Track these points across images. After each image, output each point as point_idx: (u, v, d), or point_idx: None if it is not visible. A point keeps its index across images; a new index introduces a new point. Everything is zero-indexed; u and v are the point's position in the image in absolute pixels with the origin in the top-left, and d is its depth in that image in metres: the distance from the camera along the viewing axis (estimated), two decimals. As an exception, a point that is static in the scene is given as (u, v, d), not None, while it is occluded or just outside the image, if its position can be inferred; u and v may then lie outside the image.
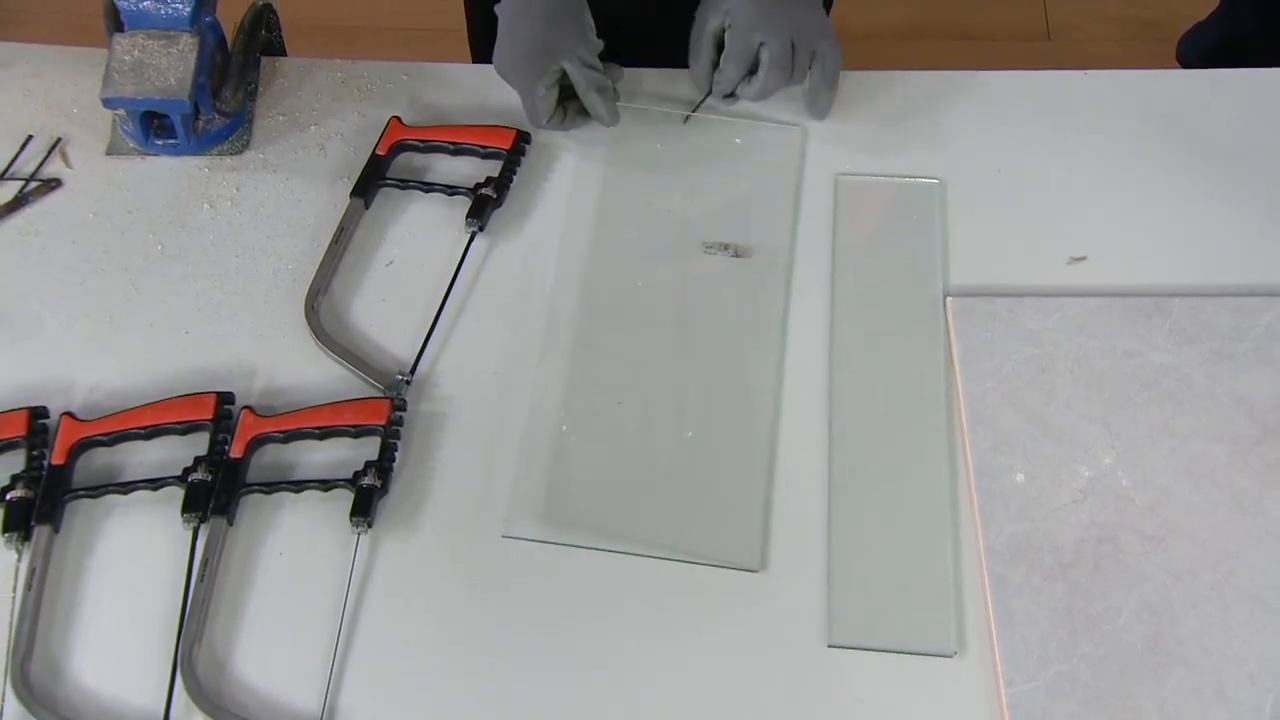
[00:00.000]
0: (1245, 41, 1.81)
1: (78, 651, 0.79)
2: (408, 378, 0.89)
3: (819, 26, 0.98)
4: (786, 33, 0.96)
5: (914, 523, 0.83)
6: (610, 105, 0.99)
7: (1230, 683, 0.76)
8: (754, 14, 0.96)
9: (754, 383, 0.89)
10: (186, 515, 0.82)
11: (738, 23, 0.97)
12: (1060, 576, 0.80)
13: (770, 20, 0.96)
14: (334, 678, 0.78)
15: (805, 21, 0.97)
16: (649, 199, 0.98)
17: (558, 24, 0.98)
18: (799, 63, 0.97)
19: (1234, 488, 0.83)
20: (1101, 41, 2.13)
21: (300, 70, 1.06)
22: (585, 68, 0.97)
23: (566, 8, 0.99)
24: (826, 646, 0.79)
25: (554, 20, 0.98)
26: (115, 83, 0.96)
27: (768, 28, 0.96)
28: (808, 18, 0.98)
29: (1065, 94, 1.04)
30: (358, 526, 0.82)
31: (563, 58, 0.96)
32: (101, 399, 0.89)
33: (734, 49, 0.97)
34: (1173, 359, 0.88)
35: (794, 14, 0.97)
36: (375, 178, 0.98)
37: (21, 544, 0.82)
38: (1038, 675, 0.76)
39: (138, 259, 0.95)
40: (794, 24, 0.96)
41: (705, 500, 0.85)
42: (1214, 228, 0.96)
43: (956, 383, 0.88)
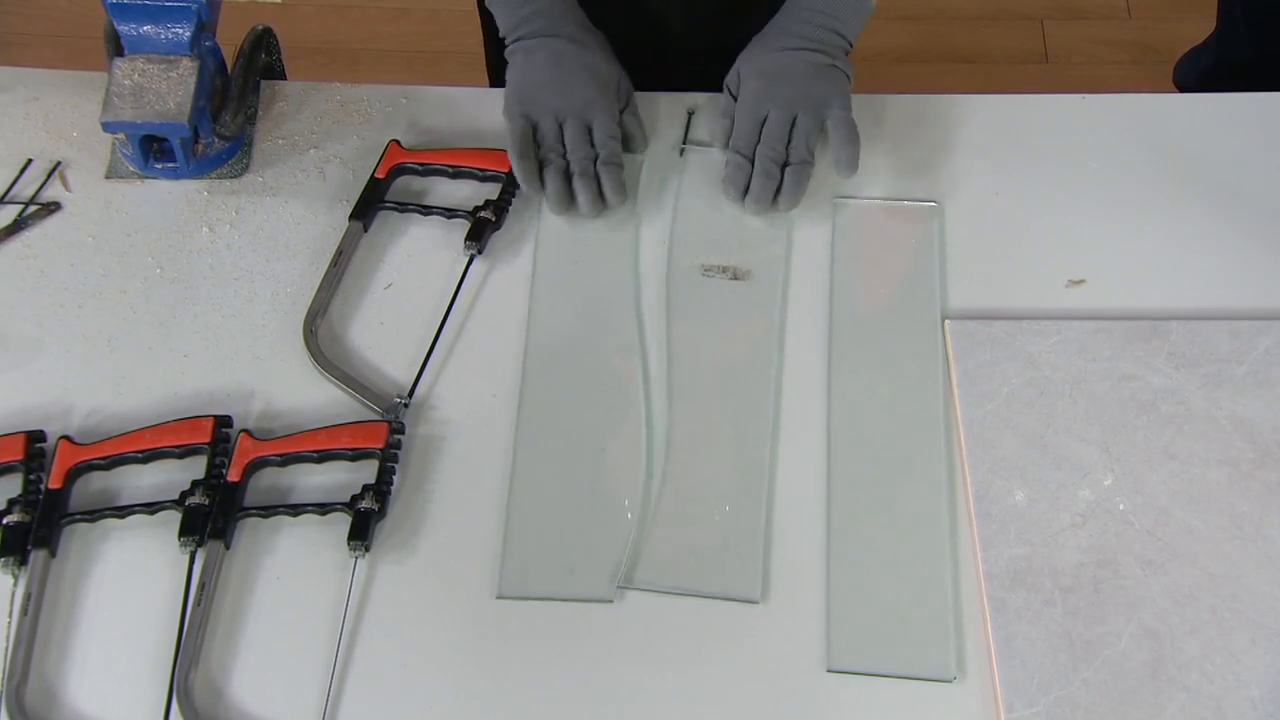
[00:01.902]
0: (1242, 65, 1.81)
1: (73, 676, 0.79)
2: (406, 401, 0.89)
3: (825, 95, 0.96)
4: (788, 106, 0.95)
5: (913, 547, 0.83)
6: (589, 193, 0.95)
7: (1231, 709, 0.76)
8: (757, 88, 0.96)
9: (751, 408, 0.89)
10: (183, 539, 0.82)
11: (743, 97, 0.97)
12: (1060, 601, 0.80)
13: (773, 94, 0.96)
14: (331, 702, 0.78)
15: (810, 92, 0.96)
16: (644, 225, 0.98)
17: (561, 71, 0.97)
18: (799, 132, 0.95)
19: (1234, 512, 0.83)
20: (1099, 65, 2.14)
21: (300, 94, 1.07)
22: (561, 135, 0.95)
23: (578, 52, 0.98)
24: (826, 672, 0.79)
25: (558, 64, 0.97)
26: (115, 106, 0.96)
27: (771, 100, 0.96)
28: (812, 88, 0.96)
29: (1063, 117, 1.04)
30: (355, 550, 0.82)
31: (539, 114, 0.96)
32: (99, 422, 0.89)
33: (740, 124, 0.96)
34: (1171, 382, 0.88)
35: (797, 86, 0.96)
36: (374, 201, 0.98)
37: (18, 568, 0.81)
38: (1038, 700, 0.76)
39: (136, 282, 0.95)
40: (797, 96, 0.96)
41: (704, 532, 0.84)
42: (1212, 251, 0.96)
43: (955, 406, 0.88)
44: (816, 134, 0.96)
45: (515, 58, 0.98)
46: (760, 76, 0.96)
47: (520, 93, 0.97)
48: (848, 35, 0.98)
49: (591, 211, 0.95)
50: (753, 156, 0.95)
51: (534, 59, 0.97)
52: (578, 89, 0.96)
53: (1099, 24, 2.19)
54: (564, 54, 0.97)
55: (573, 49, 0.97)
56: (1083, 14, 2.20)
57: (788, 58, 0.96)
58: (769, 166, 0.94)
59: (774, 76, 0.96)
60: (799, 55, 0.96)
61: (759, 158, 0.95)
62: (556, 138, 0.96)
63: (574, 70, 0.97)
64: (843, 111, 0.95)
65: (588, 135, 0.96)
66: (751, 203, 0.95)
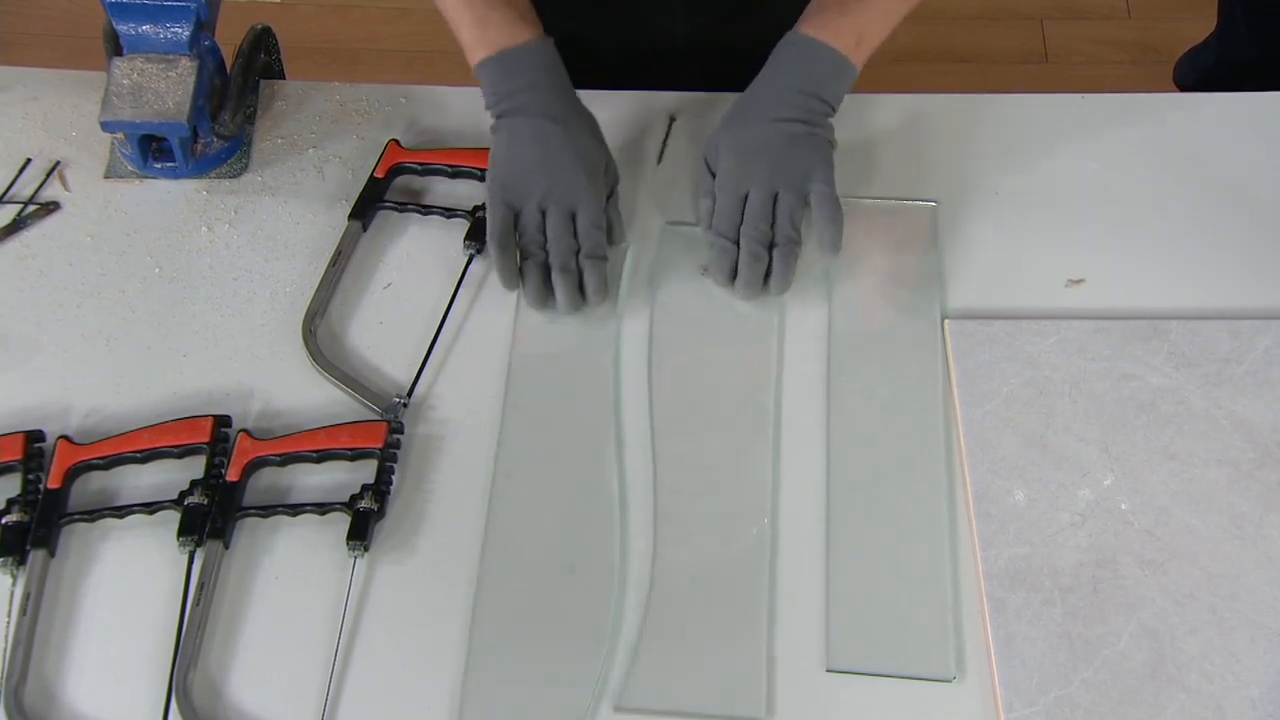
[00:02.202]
0: (1242, 65, 1.81)
1: (72, 676, 0.79)
2: (405, 401, 0.89)
3: (806, 169, 0.91)
4: (768, 183, 0.90)
5: (913, 547, 0.83)
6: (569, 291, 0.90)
7: (1231, 708, 0.76)
8: (734, 167, 0.91)
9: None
10: (182, 539, 0.82)
11: (721, 177, 0.92)
12: (1059, 600, 0.79)
13: (751, 172, 0.91)
14: (330, 702, 0.77)
15: (789, 167, 0.91)
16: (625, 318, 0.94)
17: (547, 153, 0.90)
18: (782, 210, 0.90)
19: (1233, 511, 0.83)
20: (1099, 64, 2.14)
21: (299, 93, 1.07)
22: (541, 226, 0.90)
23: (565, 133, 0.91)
24: (825, 671, 0.79)
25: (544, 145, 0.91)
26: (114, 106, 0.96)
27: (751, 178, 0.91)
28: (792, 162, 0.91)
29: (1063, 116, 1.04)
30: (354, 550, 0.82)
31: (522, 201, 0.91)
32: (98, 422, 0.88)
33: (721, 205, 0.91)
34: (1171, 382, 0.88)
35: (776, 161, 0.91)
36: (373, 200, 0.98)
37: (16, 568, 0.81)
38: (1037, 700, 0.76)
39: (135, 282, 0.95)
40: (777, 172, 0.91)
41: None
42: (1212, 250, 0.96)
43: (955, 406, 0.88)
44: (801, 210, 0.91)
45: (499, 135, 0.92)
46: (738, 153, 0.91)
47: (504, 176, 0.91)
48: (829, 100, 0.92)
49: (570, 309, 0.91)
50: (737, 238, 0.91)
51: (519, 138, 0.91)
52: (564, 174, 0.91)
53: (1099, 24, 2.19)
54: (550, 134, 0.91)
55: (559, 130, 0.91)
56: (1082, 14, 2.20)
57: (766, 130, 0.91)
58: (756, 249, 0.90)
59: (753, 152, 0.91)
60: (778, 126, 0.91)
61: (744, 239, 0.90)
62: (538, 227, 0.91)
63: (561, 153, 0.91)
64: (825, 187, 0.90)
65: (571, 224, 0.91)
66: (741, 288, 0.90)
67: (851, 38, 0.91)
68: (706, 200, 0.93)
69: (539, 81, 0.92)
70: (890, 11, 0.92)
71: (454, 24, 0.93)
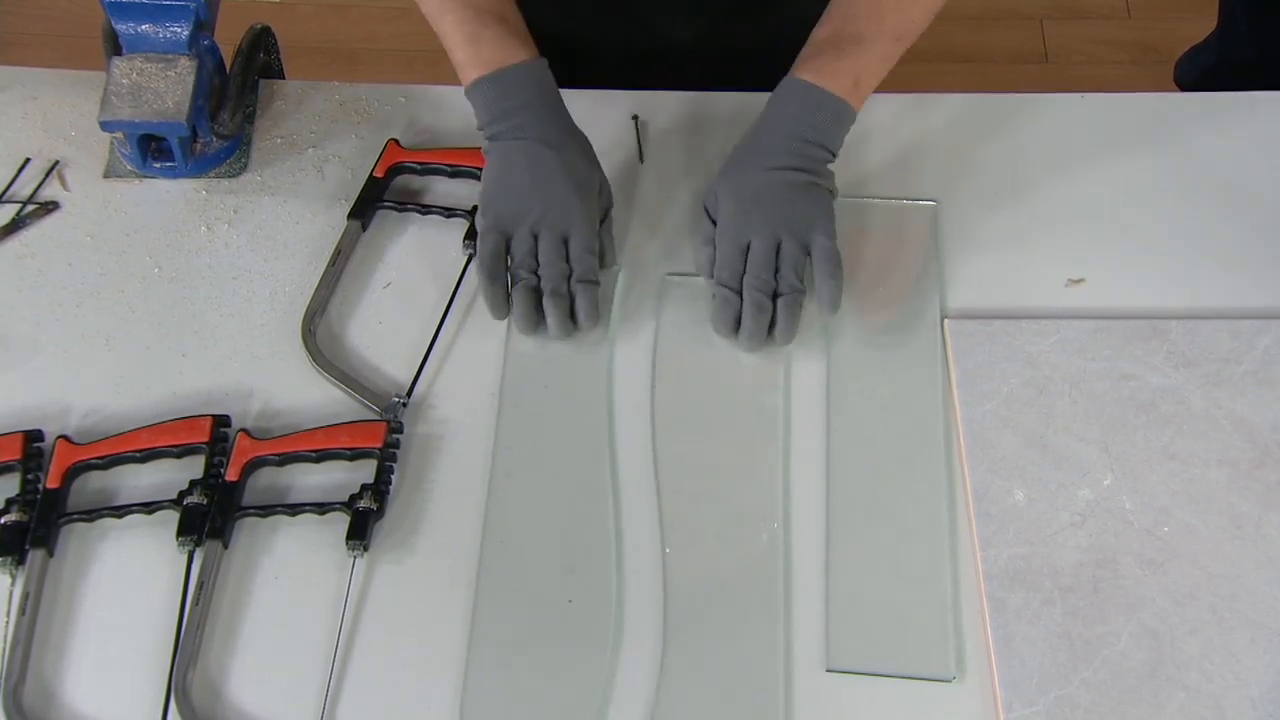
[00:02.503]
0: (1243, 64, 1.81)
1: (71, 676, 0.79)
2: (404, 400, 0.89)
3: (808, 219, 0.89)
4: (770, 232, 0.89)
5: (913, 547, 0.83)
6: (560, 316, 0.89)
7: (1231, 708, 0.76)
8: (735, 215, 0.90)
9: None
10: (182, 539, 0.82)
11: (722, 225, 0.90)
12: (1059, 600, 0.79)
13: (753, 221, 0.89)
14: (329, 702, 0.77)
15: (792, 217, 0.89)
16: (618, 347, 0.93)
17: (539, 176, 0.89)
18: (785, 260, 0.89)
19: (1233, 511, 0.83)
20: (1099, 64, 2.14)
21: (298, 93, 1.06)
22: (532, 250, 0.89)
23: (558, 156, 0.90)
24: (825, 671, 0.78)
25: (536, 169, 0.89)
26: (113, 106, 0.96)
27: (752, 227, 0.89)
28: (794, 212, 0.89)
29: (1063, 116, 1.04)
30: (353, 550, 0.82)
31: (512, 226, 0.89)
32: (97, 422, 0.88)
33: (723, 254, 0.90)
34: (1171, 381, 0.88)
35: (778, 210, 0.89)
36: (373, 200, 0.98)
37: (15, 568, 0.81)
38: (1037, 700, 0.76)
39: (134, 281, 0.95)
40: (778, 221, 0.89)
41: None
42: (1212, 250, 0.96)
43: (955, 405, 0.88)
44: (803, 261, 0.89)
45: (491, 158, 0.91)
46: (739, 202, 0.90)
47: (496, 202, 0.90)
48: (829, 146, 0.91)
49: (560, 333, 0.89)
50: (739, 288, 0.89)
51: (511, 162, 0.90)
52: (557, 198, 0.89)
53: (1099, 24, 2.19)
54: (543, 159, 0.89)
55: (552, 154, 0.90)
56: (1082, 14, 2.20)
57: (766, 179, 0.89)
58: (759, 299, 0.88)
59: (754, 202, 0.89)
60: (778, 175, 0.89)
61: (747, 289, 0.88)
62: (530, 252, 0.90)
63: (554, 177, 0.89)
64: (826, 240, 0.89)
65: (563, 249, 0.90)
66: (745, 339, 0.89)
67: (849, 80, 0.90)
68: (707, 248, 0.91)
69: (531, 102, 0.91)
70: (886, 54, 0.91)
71: (447, 42, 0.92)
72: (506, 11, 0.92)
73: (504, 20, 0.92)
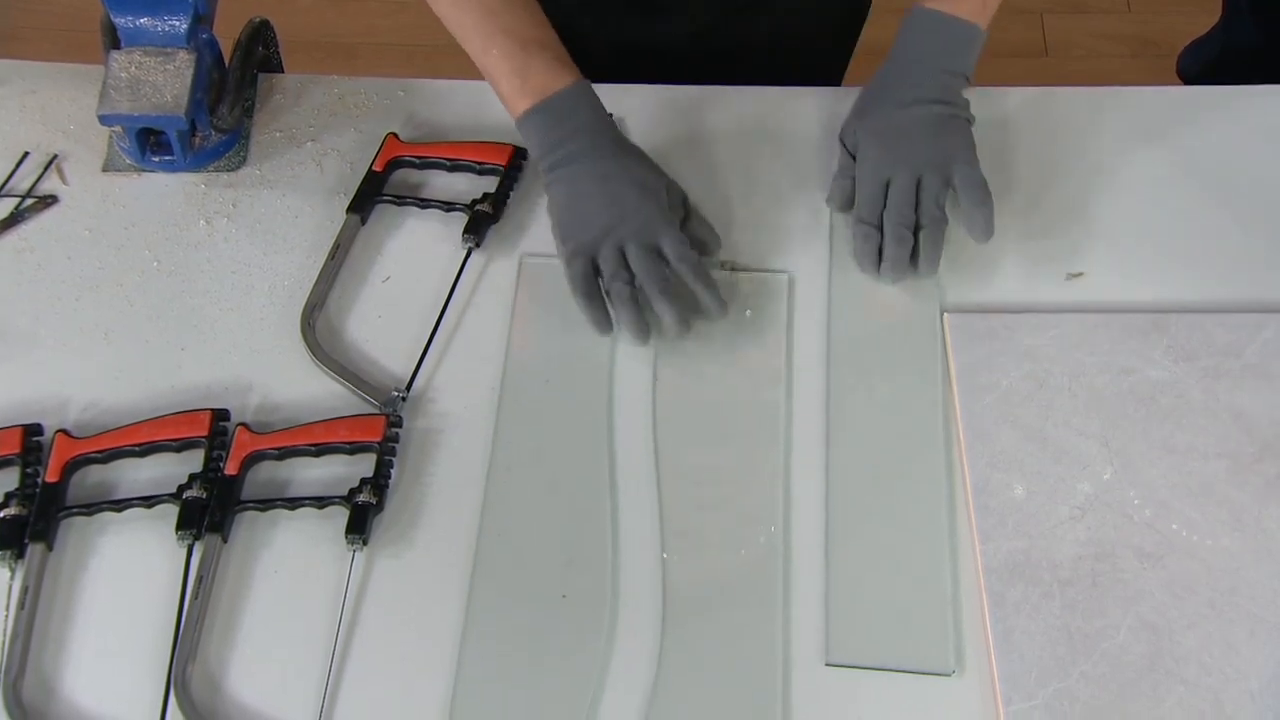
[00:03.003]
0: (1247, 56, 1.81)
1: (70, 670, 0.79)
2: (404, 394, 0.89)
3: (950, 152, 0.91)
4: (912, 169, 0.91)
5: (912, 542, 0.82)
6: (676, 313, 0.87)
7: (1230, 701, 0.76)
8: (876, 154, 0.92)
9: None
10: (181, 533, 0.82)
11: (862, 164, 0.92)
12: (1058, 594, 0.79)
13: (894, 158, 0.91)
14: (329, 696, 0.77)
15: (933, 151, 0.91)
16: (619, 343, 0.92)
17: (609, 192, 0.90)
18: (927, 194, 0.90)
19: (1233, 505, 0.83)
20: (1099, 58, 2.13)
21: (297, 87, 1.06)
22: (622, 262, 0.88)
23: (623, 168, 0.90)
24: (824, 665, 0.79)
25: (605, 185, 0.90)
26: (112, 99, 0.96)
27: (893, 164, 0.91)
28: (935, 146, 0.91)
29: (1063, 110, 1.04)
30: (353, 544, 0.82)
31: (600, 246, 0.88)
32: (96, 416, 0.88)
33: (865, 193, 0.91)
34: (1170, 375, 0.88)
35: (919, 146, 0.91)
36: (372, 194, 0.98)
37: (15, 562, 0.81)
38: (1036, 694, 0.76)
39: (133, 275, 0.95)
40: (920, 157, 0.91)
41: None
42: (1212, 244, 0.96)
43: (954, 399, 0.88)
44: (945, 193, 0.91)
45: (556, 188, 0.91)
46: (880, 138, 0.91)
47: (571, 227, 0.90)
48: (965, 72, 0.92)
49: (679, 330, 0.88)
50: (879, 223, 0.91)
51: (576, 186, 0.90)
52: (632, 209, 0.89)
53: (1098, 17, 2.19)
54: (609, 174, 0.90)
55: (616, 166, 0.90)
56: (1082, 7, 2.19)
57: (906, 115, 0.91)
58: (901, 233, 0.89)
59: (895, 137, 0.91)
60: (918, 110, 0.91)
61: (889, 224, 0.90)
62: (620, 263, 0.88)
63: (623, 188, 0.90)
64: (970, 169, 0.91)
65: (656, 255, 0.89)
66: (889, 270, 0.90)
67: (976, 2, 0.92)
68: (843, 181, 0.93)
69: (583, 125, 0.91)
70: None
71: (491, 74, 0.92)
72: (548, 39, 0.92)
73: (547, 47, 0.92)
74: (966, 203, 0.90)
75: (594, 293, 0.89)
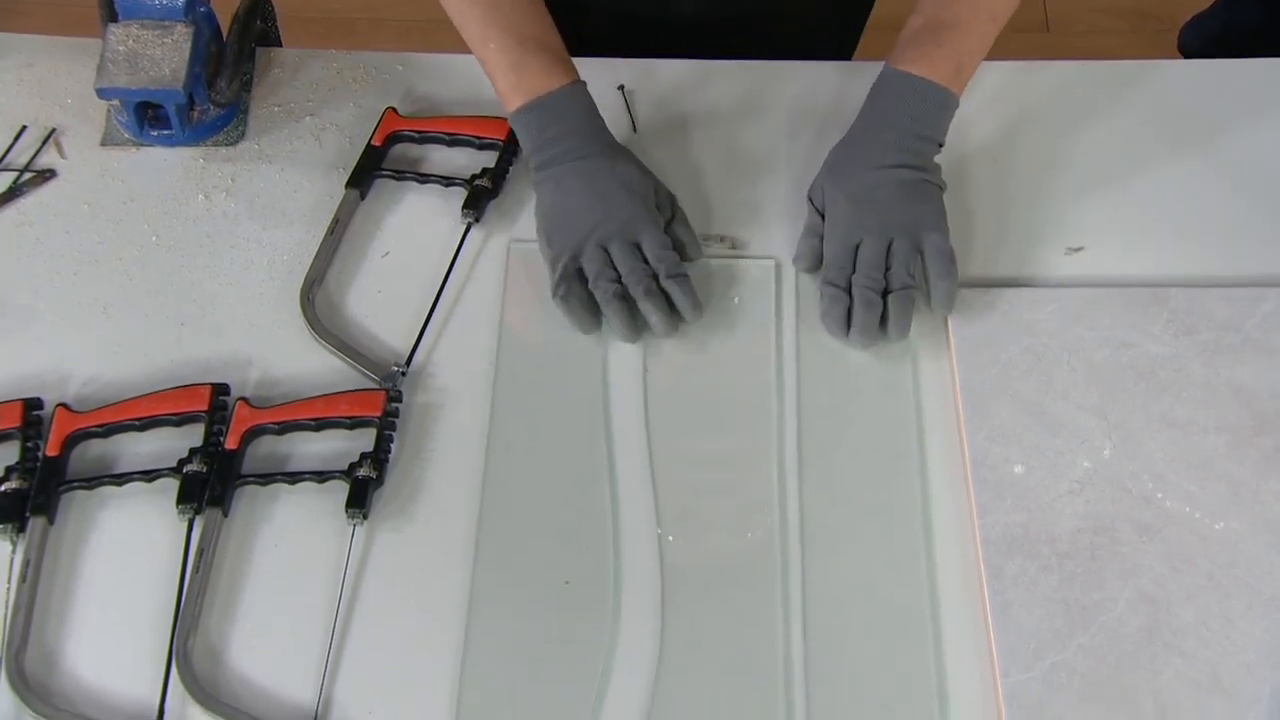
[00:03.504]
0: (1249, 32, 1.80)
1: (72, 643, 0.79)
2: (403, 369, 0.89)
3: (921, 218, 0.89)
4: (881, 232, 0.88)
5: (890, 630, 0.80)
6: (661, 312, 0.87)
7: (1227, 673, 0.76)
8: (846, 215, 0.89)
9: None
10: (181, 507, 0.82)
11: (831, 225, 0.90)
12: (1057, 567, 0.80)
13: (864, 220, 0.89)
14: (329, 669, 0.78)
15: (904, 216, 0.89)
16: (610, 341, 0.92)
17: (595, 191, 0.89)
18: (897, 259, 0.88)
19: (1231, 478, 0.83)
20: (1100, 34, 2.12)
21: (296, 61, 1.06)
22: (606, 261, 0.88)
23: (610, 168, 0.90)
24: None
25: (591, 185, 0.89)
26: (110, 73, 0.95)
27: (864, 227, 0.89)
28: (906, 211, 0.89)
29: (1062, 84, 1.04)
30: (353, 518, 0.82)
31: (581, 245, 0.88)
32: (96, 390, 0.88)
33: (832, 254, 0.89)
34: (1170, 349, 0.88)
35: (890, 210, 0.89)
36: (371, 169, 0.98)
37: (16, 535, 0.81)
38: (1034, 666, 0.76)
39: (132, 250, 0.95)
40: (890, 221, 0.88)
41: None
42: (1212, 218, 0.96)
43: (954, 373, 0.88)
44: (915, 259, 0.89)
45: (544, 186, 0.91)
46: (850, 202, 0.89)
47: (557, 226, 0.90)
48: (937, 138, 0.90)
49: (667, 331, 0.88)
50: (848, 287, 0.88)
51: (565, 186, 0.90)
52: (617, 207, 0.89)
53: (1100, -8, 2.18)
54: (596, 173, 0.90)
55: (604, 166, 0.90)
56: (1083, -18, 2.18)
57: (877, 177, 0.89)
58: (870, 297, 0.87)
59: (865, 200, 0.89)
60: (890, 174, 0.89)
61: (858, 288, 0.88)
62: (605, 262, 0.88)
63: (610, 188, 0.89)
64: (940, 238, 0.88)
65: (638, 253, 0.89)
66: (858, 336, 0.88)
67: (950, 68, 0.89)
68: (811, 240, 0.91)
69: (575, 127, 0.91)
70: (984, 36, 0.90)
71: (488, 67, 0.91)
72: (548, 38, 0.92)
73: (546, 48, 0.91)
74: (932, 274, 0.88)
75: (574, 294, 0.89)
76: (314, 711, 0.76)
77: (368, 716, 0.77)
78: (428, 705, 0.77)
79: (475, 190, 0.96)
